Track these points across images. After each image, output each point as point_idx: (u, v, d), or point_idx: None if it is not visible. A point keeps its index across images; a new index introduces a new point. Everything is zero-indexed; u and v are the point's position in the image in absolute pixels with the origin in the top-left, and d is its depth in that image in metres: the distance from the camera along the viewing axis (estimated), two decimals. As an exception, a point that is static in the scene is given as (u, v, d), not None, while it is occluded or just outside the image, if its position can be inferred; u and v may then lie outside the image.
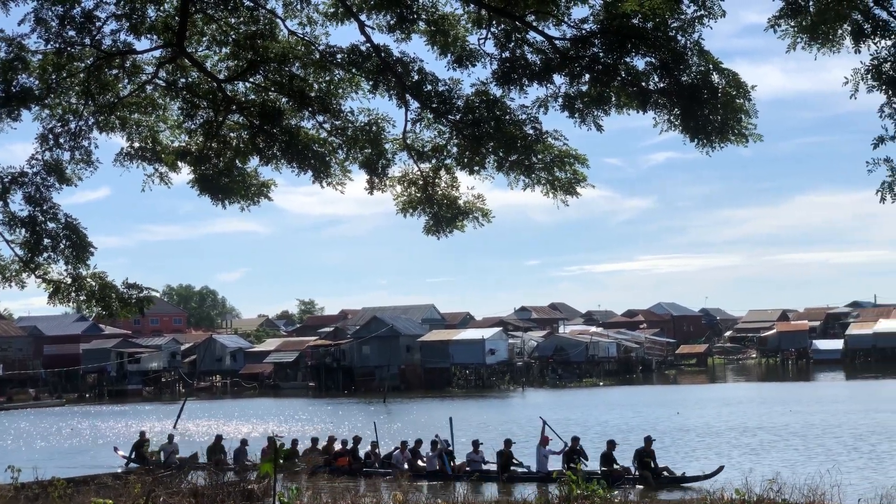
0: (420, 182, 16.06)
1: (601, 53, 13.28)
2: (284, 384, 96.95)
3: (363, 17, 15.00)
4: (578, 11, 13.55)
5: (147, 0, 15.43)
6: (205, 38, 16.18)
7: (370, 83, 15.25)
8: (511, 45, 14.12)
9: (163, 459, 32.90)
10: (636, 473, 26.68)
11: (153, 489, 19.53)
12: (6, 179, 16.56)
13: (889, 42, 12.66)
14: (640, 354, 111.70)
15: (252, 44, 15.66)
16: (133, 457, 34.16)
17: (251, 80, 16.33)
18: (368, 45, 15.04)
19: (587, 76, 13.55)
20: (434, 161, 15.82)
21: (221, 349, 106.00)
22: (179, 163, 17.08)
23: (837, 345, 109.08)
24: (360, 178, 16.28)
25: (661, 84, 13.12)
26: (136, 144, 17.20)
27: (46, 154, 16.62)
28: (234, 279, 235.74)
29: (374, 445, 31.86)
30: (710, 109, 12.84)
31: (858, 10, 12.54)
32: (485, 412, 58.73)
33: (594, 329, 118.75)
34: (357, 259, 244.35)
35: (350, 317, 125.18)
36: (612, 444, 27.99)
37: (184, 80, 16.58)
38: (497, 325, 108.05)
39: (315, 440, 32.99)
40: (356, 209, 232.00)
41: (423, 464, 29.82)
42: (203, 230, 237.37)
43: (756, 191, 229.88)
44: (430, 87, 14.88)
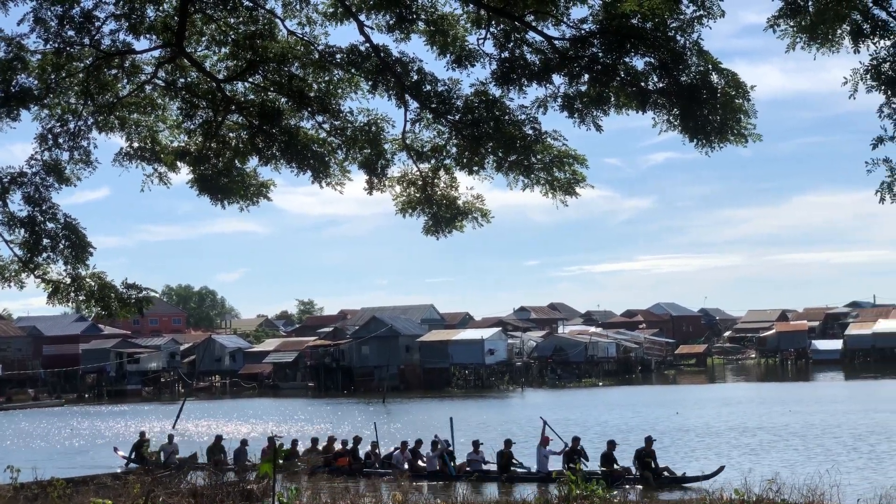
0: (419, 182, 16.06)
1: (600, 53, 13.29)
2: (284, 384, 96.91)
3: (362, 17, 15.01)
4: (578, 11, 13.59)
5: (146, 0, 15.43)
6: (204, 38, 16.17)
7: (369, 83, 15.26)
8: (510, 46, 14.12)
9: (163, 460, 32.90)
10: (637, 474, 26.70)
11: (152, 489, 19.51)
12: (5, 179, 16.56)
13: (888, 42, 12.67)
14: (640, 354, 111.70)
15: (251, 44, 15.67)
16: (133, 457, 34.16)
17: (250, 80, 16.33)
18: (368, 45, 15.04)
19: (586, 76, 13.56)
20: (433, 161, 15.82)
21: (221, 349, 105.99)
22: (179, 163, 17.09)
23: (837, 345, 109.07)
24: (360, 179, 16.31)
25: (661, 84, 13.12)
26: (136, 144, 17.21)
27: (45, 154, 16.63)
28: (234, 279, 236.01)
29: (375, 446, 31.85)
30: (710, 109, 12.84)
31: (857, 10, 12.55)
32: (484, 412, 58.70)
33: (593, 329, 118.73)
34: (356, 259, 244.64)
35: (349, 317, 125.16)
36: (613, 445, 28.01)
37: (183, 80, 16.59)
38: (496, 326, 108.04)
39: (315, 440, 33.00)
40: (355, 209, 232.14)
41: (424, 464, 29.82)
42: (202, 230, 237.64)
43: (755, 191, 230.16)
44: (430, 88, 14.88)
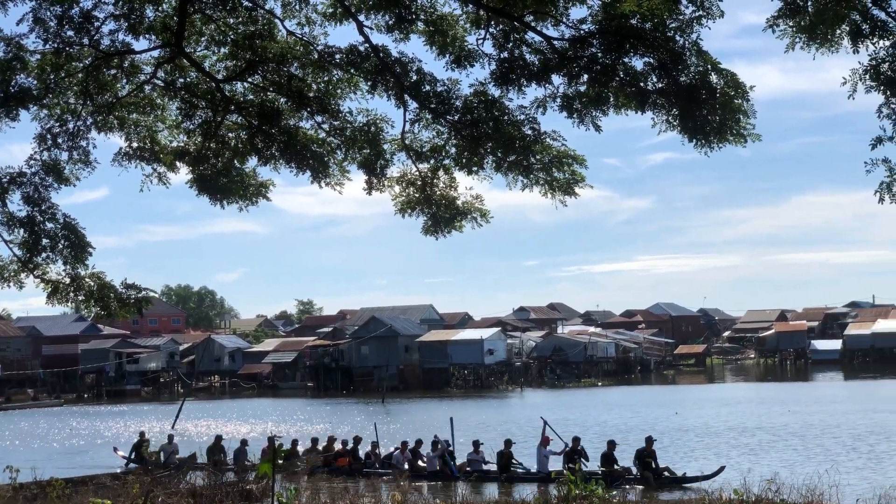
0: (418, 182, 16.06)
1: (599, 54, 13.30)
2: (283, 384, 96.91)
3: (362, 18, 15.01)
4: (577, 12, 13.60)
5: (145, 0, 15.43)
6: (203, 39, 16.17)
7: (369, 83, 15.26)
8: (509, 46, 14.12)
9: (163, 460, 32.89)
10: (637, 474, 26.66)
11: (151, 489, 19.52)
12: (5, 179, 16.56)
13: (887, 42, 12.68)
14: (639, 354, 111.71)
15: (250, 44, 15.67)
16: (133, 457, 34.15)
17: (250, 81, 16.33)
18: (367, 46, 15.05)
19: (585, 76, 13.56)
20: (432, 161, 15.82)
21: (220, 349, 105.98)
22: (178, 163, 17.10)
23: (836, 345, 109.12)
24: (359, 179, 16.31)
25: (660, 84, 13.13)
26: (135, 144, 17.21)
27: (45, 154, 16.63)
28: (233, 279, 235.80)
29: (375, 446, 31.82)
30: (709, 110, 12.85)
31: (857, 11, 12.56)
32: (483, 412, 58.70)
33: (593, 329, 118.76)
34: (356, 259, 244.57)
35: (349, 317, 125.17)
36: (613, 445, 27.98)
37: (182, 81, 16.58)
38: (495, 326, 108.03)
39: (315, 440, 32.95)
40: (355, 209, 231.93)
41: (424, 464, 29.80)
42: (201, 230, 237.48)
43: (755, 191, 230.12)
44: (429, 88, 14.88)
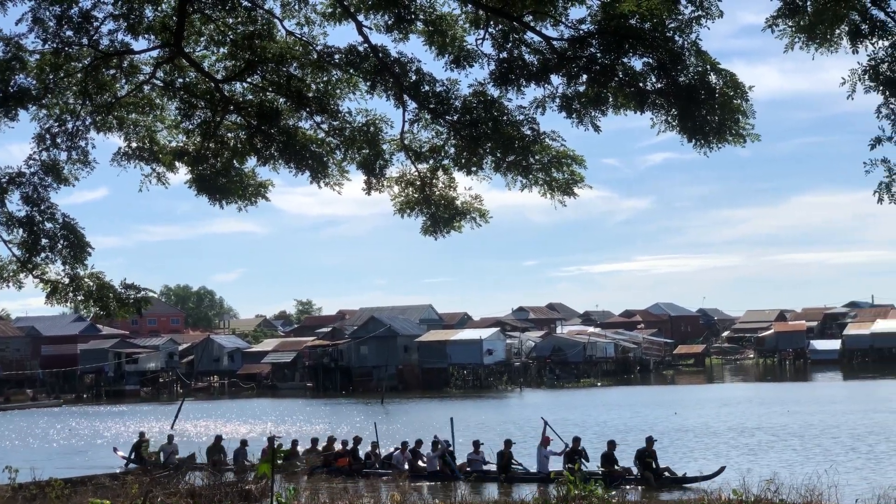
0: (417, 183, 16.06)
1: (599, 54, 13.30)
2: (282, 384, 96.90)
3: (361, 18, 15.02)
4: (576, 12, 13.59)
5: (144, 0, 15.43)
6: (202, 39, 16.17)
7: (368, 83, 15.26)
8: (508, 46, 14.12)
9: (162, 460, 32.88)
10: (638, 474, 26.61)
11: (150, 489, 19.53)
12: (4, 179, 16.57)
13: (886, 42, 12.69)
14: (638, 355, 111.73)
15: (250, 44, 15.66)
16: (132, 457, 34.14)
17: (249, 81, 16.33)
18: (366, 46, 15.05)
19: (585, 77, 13.56)
20: (431, 161, 15.82)
21: (219, 349, 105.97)
22: (177, 163, 17.10)
23: (835, 345, 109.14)
24: (358, 179, 16.30)
25: (659, 84, 13.12)
26: (134, 144, 17.22)
27: (44, 154, 16.64)
28: (232, 279, 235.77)
29: (375, 446, 31.79)
30: (708, 110, 12.85)
31: (856, 11, 12.56)
32: (483, 412, 58.69)
33: (592, 329, 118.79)
34: (355, 259, 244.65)
35: (348, 317, 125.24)
36: (613, 445, 27.94)
37: (181, 81, 16.58)
38: (495, 326, 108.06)
39: (315, 441, 32.91)
40: (354, 210, 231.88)
41: (424, 464, 29.78)
42: (201, 230, 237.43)
43: (754, 191, 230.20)
44: (428, 88, 14.88)
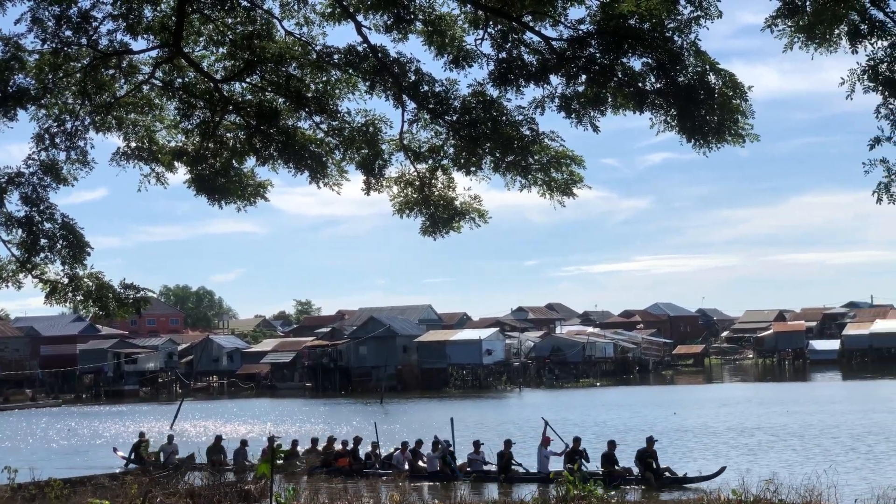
0: (417, 183, 16.06)
1: (598, 54, 13.29)
2: (281, 384, 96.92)
3: (360, 18, 15.01)
4: (575, 12, 13.59)
5: (144, 0, 15.42)
6: (201, 39, 16.16)
7: (367, 84, 15.25)
8: (508, 46, 14.12)
9: (162, 460, 32.87)
10: (639, 474, 26.55)
11: (150, 490, 19.51)
12: (3, 180, 16.57)
13: (885, 43, 12.69)
14: (637, 355, 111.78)
15: (249, 44, 15.66)
16: (132, 457, 34.13)
17: (248, 81, 16.33)
18: (365, 46, 15.04)
19: (584, 77, 13.56)
20: (431, 162, 15.82)
21: (218, 350, 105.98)
22: (176, 163, 17.11)
23: (834, 345, 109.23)
24: (357, 179, 16.29)
25: (658, 85, 13.12)
26: (133, 144, 17.21)
27: (43, 154, 16.64)
28: (231, 280, 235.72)
29: (375, 446, 31.77)
30: (707, 110, 12.85)
31: (855, 11, 12.56)
32: (482, 412, 58.70)
33: (591, 329, 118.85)
34: (354, 259, 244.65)
35: (347, 317, 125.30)
36: (613, 445, 27.89)
37: (180, 81, 16.58)
38: (494, 326, 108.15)
39: (315, 441, 32.88)
40: (353, 210, 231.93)
41: (424, 464, 29.76)
42: (200, 230, 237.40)
43: (753, 191, 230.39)
44: (427, 88, 14.88)
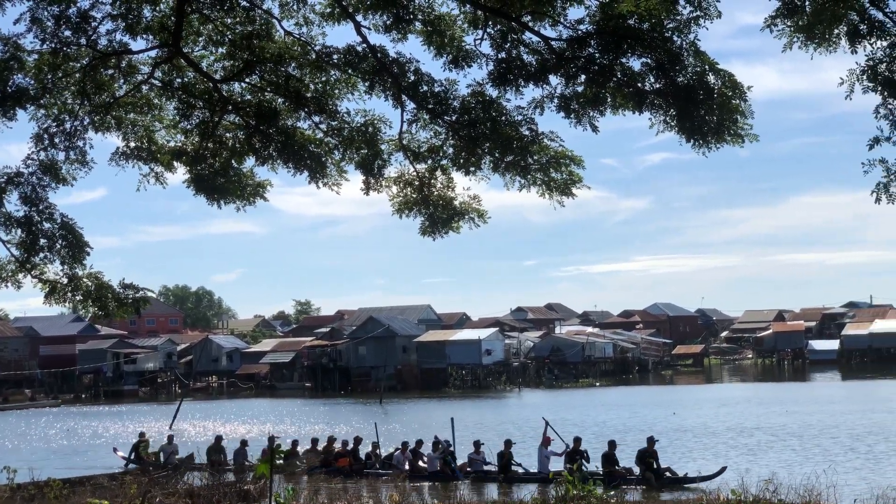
0: (416, 183, 16.07)
1: (597, 54, 13.29)
2: (281, 385, 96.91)
3: (359, 18, 15.02)
4: (574, 12, 13.59)
5: (143, 0, 15.42)
6: (201, 39, 16.17)
7: (366, 84, 15.25)
8: (507, 46, 14.12)
9: (162, 460, 32.86)
10: (640, 474, 26.51)
11: (149, 490, 19.49)
12: (2, 180, 16.57)
13: (885, 43, 12.69)
14: (637, 355, 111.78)
15: (248, 44, 15.66)
16: (132, 457, 34.12)
17: (247, 81, 16.33)
18: (364, 46, 15.05)
19: (583, 77, 13.56)
20: (430, 162, 15.82)
21: (218, 350, 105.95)
22: (175, 163, 17.11)
23: (833, 345, 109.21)
24: (356, 179, 16.29)
25: (657, 85, 13.12)
26: (132, 144, 17.22)
27: (42, 154, 16.64)
28: (231, 280, 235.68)
29: (375, 446, 31.76)
30: (706, 110, 12.85)
31: (854, 11, 12.56)
32: (481, 413, 58.69)
33: (590, 329, 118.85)
34: (353, 259, 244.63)
35: (346, 317, 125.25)
36: (613, 445, 27.84)
37: (180, 80, 16.58)
38: (493, 326, 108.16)
39: (315, 441, 32.88)
40: (352, 210, 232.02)
41: (425, 464, 29.74)
42: (199, 231, 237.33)
43: (752, 191, 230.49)
44: (426, 88, 14.88)
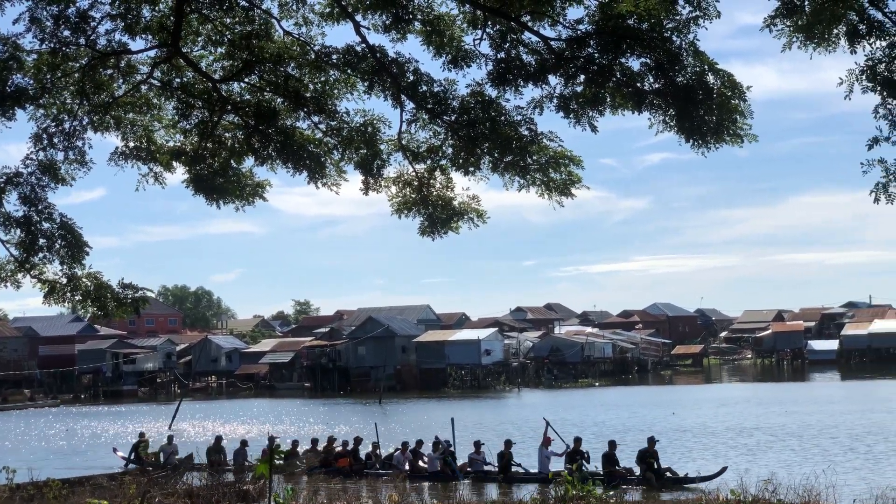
0: (415, 183, 16.07)
1: (596, 54, 13.29)
2: (280, 385, 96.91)
3: (359, 18, 15.01)
4: (574, 12, 13.59)
5: (142, 0, 15.42)
6: (200, 38, 16.17)
7: (365, 84, 15.25)
8: (506, 46, 14.12)
9: (162, 460, 32.86)
10: (640, 475, 26.49)
11: (148, 490, 19.49)
12: (1, 180, 16.57)
13: (884, 43, 12.69)
14: (636, 355, 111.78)
15: (247, 44, 15.66)
16: (132, 458, 34.12)
17: (246, 81, 16.33)
18: (364, 46, 15.04)
19: (582, 77, 13.56)
20: (429, 162, 15.82)
21: (217, 350, 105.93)
22: (174, 162, 17.12)
23: (833, 345, 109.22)
24: (356, 179, 16.29)
25: (657, 85, 13.12)
26: (131, 144, 17.22)
27: (41, 154, 16.64)
28: (230, 280, 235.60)
29: (375, 446, 31.75)
30: (706, 110, 12.84)
31: (854, 11, 12.56)
32: (481, 413, 58.69)
33: (590, 329, 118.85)
34: (352, 260, 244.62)
35: (346, 317, 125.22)
36: (614, 445, 27.81)
37: (179, 80, 16.58)
38: (493, 326, 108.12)
39: (315, 441, 32.88)
40: (351, 210, 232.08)
41: (425, 464, 29.74)
42: (198, 231, 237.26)
43: (751, 191, 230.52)
44: (426, 88, 14.88)
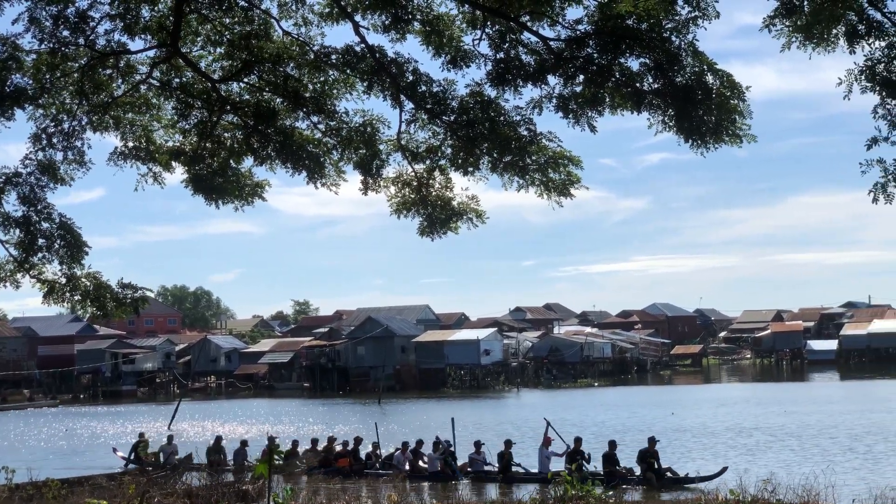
0: (414, 183, 16.07)
1: (595, 54, 13.30)
2: (279, 385, 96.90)
3: (358, 18, 15.02)
4: (573, 12, 13.60)
5: (141, 0, 15.42)
6: (199, 39, 16.18)
7: (364, 84, 15.26)
8: (505, 46, 14.13)
9: (162, 460, 32.86)
10: (641, 475, 26.47)
11: (147, 490, 19.50)
12: (0, 180, 16.56)
13: (883, 43, 12.70)
14: (635, 355, 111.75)
15: (246, 44, 15.66)
16: (132, 458, 34.12)
17: (246, 81, 16.33)
18: (363, 46, 15.05)
19: (581, 77, 13.57)
20: (428, 162, 15.83)
21: (216, 350, 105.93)
22: (173, 162, 17.12)
23: (832, 345, 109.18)
24: (355, 179, 16.30)
25: (656, 85, 13.12)
26: (130, 144, 17.22)
27: (40, 154, 16.66)
28: (229, 280, 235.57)
29: (376, 446, 31.74)
30: (705, 110, 12.85)
31: (853, 11, 12.57)
32: (480, 413, 58.69)
33: (589, 329, 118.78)
34: (352, 260, 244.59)
35: (345, 317, 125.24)
36: (614, 445, 27.78)
37: (178, 80, 16.59)
38: (492, 326, 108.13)
39: (315, 441, 32.88)
40: (351, 210, 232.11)
41: (425, 465, 29.73)
42: (198, 231, 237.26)
43: (751, 191, 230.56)
44: (425, 88, 14.89)
